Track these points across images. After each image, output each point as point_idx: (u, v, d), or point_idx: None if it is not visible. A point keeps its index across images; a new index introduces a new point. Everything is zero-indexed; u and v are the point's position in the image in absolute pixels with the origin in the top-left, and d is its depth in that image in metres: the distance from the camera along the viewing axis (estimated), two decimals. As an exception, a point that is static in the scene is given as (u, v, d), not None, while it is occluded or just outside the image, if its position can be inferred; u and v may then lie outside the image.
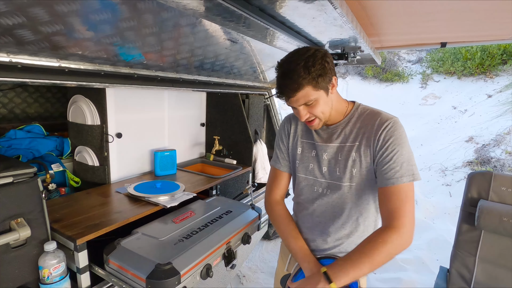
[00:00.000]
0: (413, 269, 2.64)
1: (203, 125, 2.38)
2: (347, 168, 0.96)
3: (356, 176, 0.95)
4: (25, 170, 0.95)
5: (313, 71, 0.84)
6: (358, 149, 0.94)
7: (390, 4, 1.08)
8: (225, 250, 1.19)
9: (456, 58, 7.71)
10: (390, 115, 0.94)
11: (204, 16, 0.99)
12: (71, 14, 0.84)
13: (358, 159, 0.94)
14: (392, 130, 0.89)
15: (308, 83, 0.85)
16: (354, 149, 0.95)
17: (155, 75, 1.44)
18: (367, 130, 0.93)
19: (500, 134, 4.89)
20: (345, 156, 0.96)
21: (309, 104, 0.90)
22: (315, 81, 0.86)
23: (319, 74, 0.85)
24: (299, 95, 0.87)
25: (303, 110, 0.91)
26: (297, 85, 0.86)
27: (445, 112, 6.61)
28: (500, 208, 1.35)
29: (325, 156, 1.01)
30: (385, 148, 0.88)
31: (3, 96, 1.58)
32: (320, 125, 0.96)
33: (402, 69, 8.72)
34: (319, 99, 0.89)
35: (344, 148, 0.97)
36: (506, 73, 6.71)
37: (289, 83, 0.87)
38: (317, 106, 0.90)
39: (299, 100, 0.89)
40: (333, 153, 0.99)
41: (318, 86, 0.87)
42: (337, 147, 0.99)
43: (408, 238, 0.83)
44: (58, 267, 0.97)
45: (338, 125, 1.00)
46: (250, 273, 2.49)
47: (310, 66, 0.84)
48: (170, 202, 1.35)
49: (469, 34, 1.51)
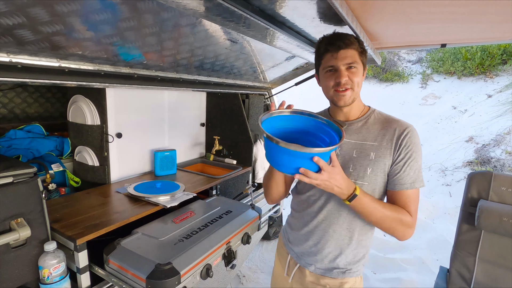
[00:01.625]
0: (413, 269, 2.64)
1: (203, 125, 2.38)
2: (362, 166, 0.96)
3: (369, 175, 0.95)
4: (25, 170, 0.95)
5: (361, 43, 0.94)
6: (377, 150, 0.95)
7: (390, 4, 1.08)
8: (225, 250, 1.19)
9: (456, 58, 7.71)
10: (407, 122, 0.97)
11: (204, 16, 0.99)
12: (71, 14, 0.84)
13: (375, 159, 0.95)
14: (413, 137, 0.93)
15: (357, 48, 0.92)
16: (373, 148, 0.95)
17: (155, 75, 1.44)
18: (388, 133, 0.95)
19: (500, 134, 4.89)
20: (362, 154, 0.96)
21: (351, 68, 0.92)
22: (361, 50, 0.93)
23: (364, 49, 0.95)
24: (349, 52, 0.92)
25: (344, 71, 0.92)
26: (350, 42, 0.92)
27: (445, 112, 6.61)
28: (500, 208, 1.35)
29: (337, 150, 1.00)
30: (405, 154, 0.92)
31: (3, 96, 1.58)
32: (351, 99, 0.95)
33: (402, 69, 8.72)
34: (358, 70, 0.93)
35: (362, 146, 0.97)
36: (506, 73, 6.71)
37: (344, 38, 0.92)
38: (357, 74, 0.93)
39: (347, 58, 0.92)
40: (348, 149, 0.99)
41: (362, 58, 0.94)
42: (354, 143, 0.98)
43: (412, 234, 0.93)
44: (58, 267, 0.97)
45: (355, 122, 1.01)
46: (250, 273, 2.49)
47: (360, 40, 0.94)
48: (170, 202, 1.35)
49: (469, 36, 1.51)
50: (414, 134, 0.93)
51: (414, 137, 0.93)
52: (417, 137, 0.94)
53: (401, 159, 0.92)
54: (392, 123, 0.97)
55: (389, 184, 0.95)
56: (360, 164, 0.96)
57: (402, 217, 0.90)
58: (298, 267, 1.09)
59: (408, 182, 0.91)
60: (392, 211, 0.90)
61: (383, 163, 0.94)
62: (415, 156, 0.92)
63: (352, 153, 0.98)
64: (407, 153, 0.91)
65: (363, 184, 0.96)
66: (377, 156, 0.95)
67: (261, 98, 2.45)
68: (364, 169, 0.95)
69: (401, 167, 0.92)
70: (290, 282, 1.11)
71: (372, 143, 0.96)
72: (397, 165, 0.92)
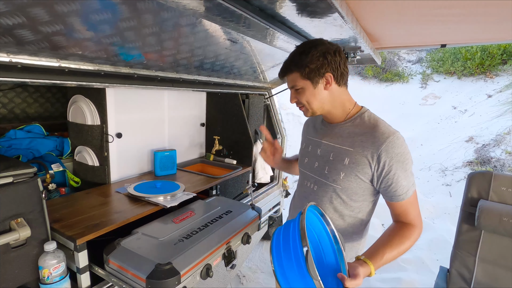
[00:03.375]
0: (413, 269, 2.64)
1: (203, 125, 2.38)
2: (336, 170, 0.97)
3: (342, 180, 0.96)
4: (25, 170, 0.95)
5: (305, 61, 0.92)
6: (352, 156, 0.94)
7: (390, 4, 1.08)
8: (225, 250, 1.19)
9: (456, 58, 7.71)
10: (391, 129, 0.92)
11: (204, 16, 0.99)
12: (71, 14, 0.83)
13: (348, 165, 0.94)
14: (394, 147, 0.88)
15: (297, 70, 0.94)
16: (348, 154, 0.95)
17: (155, 75, 1.44)
18: (367, 142, 0.92)
19: (500, 134, 4.89)
20: (337, 158, 0.97)
21: (297, 90, 0.98)
22: (303, 70, 0.93)
23: (308, 66, 0.92)
24: (290, 77, 0.98)
25: (292, 94, 1.01)
26: (287, 69, 0.98)
27: (445, 112, 6.61)
28: (500, 208, 1.35)
29: (318, 151, 1.05)
30: (390, 167, 0.89)
31: (3, 96, 1.58)
32: (309, 114, 1.01)
33: (402, 69, 8.72)
34: (305, 89, 0.95)
35: (338, 150, 0.98)
36: (506, 73, 6.71)
37: (284, 65, 0.99)
38: (303, 94, 0.97)
39: (288, 82, 1.00)
40: (326, 151, 1.02)
41: (306, 77, 0.93)
42: (332, 146, 1.00)
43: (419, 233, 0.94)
44: (58, 267, 0.97)
45: (337, 125, 1.01)
46: (250, 273, 2.49)
47: (304, 56, 0.92)
48: (170, 202, 1.35)
49: (469, 36, 1.51)
50: (395, 144, 0.88)
51: (396, 147, 0.88)
52: (401, 145, 0.89)
53: (388, 172, 0.89)
54: (372, 130, 0.92)
55: (385, 195, 0.96)
56: (334, 167, 0.98)
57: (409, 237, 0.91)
58: None
59: (403, 193, 0.91)
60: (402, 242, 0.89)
61: (358, 171, 0.93)
62: (401, 165, 0.89)
63: (329, 156, 1.00)
64: (391, 165, 0.88)
65: (337, 187, 0.97)
66: (350, 162, 0.94)
67: (261, 98, 2.45)
68: (337, 173, 0.96)
69: (391, 180, 0.90)
70: None
71: (348, 148, 0.96)
72: (386, 178, 0.90)
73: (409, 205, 0.93)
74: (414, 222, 0.93)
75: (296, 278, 0.69)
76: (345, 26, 1.09)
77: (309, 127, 1.18)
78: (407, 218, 0.94)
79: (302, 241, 0.68)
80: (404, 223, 0.94)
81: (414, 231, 0.92)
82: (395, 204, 0.94)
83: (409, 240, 0.90)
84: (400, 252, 0.89)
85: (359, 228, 1.04)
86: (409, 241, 0.90)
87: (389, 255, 0.87)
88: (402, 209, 0.94)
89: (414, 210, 0.94)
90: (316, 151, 1.06)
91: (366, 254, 0.88)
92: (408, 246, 0.90)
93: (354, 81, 8.83)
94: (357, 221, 1.02)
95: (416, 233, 0.92)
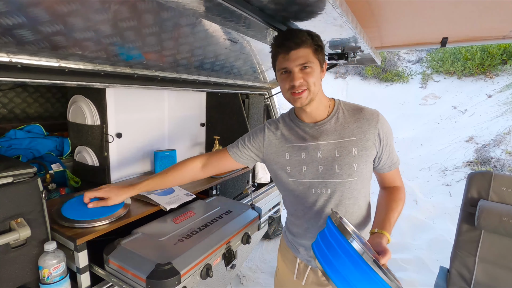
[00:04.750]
0: (413, 269, 2.64)
1: (203, 125, 2.38)
2: (348, 164, 0.95)
3: (357, 171, 0.96)
4: (25, 170, 0.95)
5: (315, 39, 0.91)
6: (357, 144, 0.95)
7: (390, 4, 1.08)
8: (225, 250, 1.19)
9: (456, 58, 7.71)
10: (373, 109, 1.00)
11: (204, 16, 0.99)
12: (71, 14, 0.84)
13: (358, 154, 0.95)
14: (384, 122, 0.98)
15: (310, 46, 0.89)
16: (353, 144, 0.95)
17: (155, 75, 1.44)
18: (363, 125, 0.96)
19: (500, 134, 4.89)
20: (345, 152, 0.96)
21: (305, 68, 0.89)
22: (315, 48, 0.90)
23: (319, 45, 0.91)
24: (301, 52, 0.88)
25: (298, 73, 0.89)
26: (301, 41, 0.88)
27: (445, 112, 6.61)
28: (500, 208, 1.35)
29: (319, 154, 0.98)
30: (386, 141, 0.97)
31: (3, 96, 1.58)
32: (307, 100, 0.92)
33: (402, 69, 8.72)
34: (314, 69, 0.90)
35: (341, 144, 0.96)
36: (506, 73, 6.71)
37: (294, 37, 0.88)
38: (312, 74, 0.90)
39: (299, 58, 0.88)
40: (328, 151, 0.97)
41: (317, 55, 0.91)
42: (334, 143, 0.97)
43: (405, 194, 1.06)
44: (58, 267, 0.97)
45: (326, 122, 0.98)
46: (250, 273, 2.49)
47: (314, 35, 0.91)
48: (170, 203, 1.35)
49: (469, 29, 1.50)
50: (384, 119, 0.98)
51: (385, 122, 0.98)
52: (386, 120, 0.99)
53: (384, 146, 0.97)
54: (362, 114, 0.98)
55: (382, 168, 1.02)
56: (345, 162, 0.95)
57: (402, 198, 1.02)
58: (310, 269, 1.09)
59: (394, 163, 1.02)
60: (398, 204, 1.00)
61: (367, 155, 0.96)
62: (391, 137, 0.99)
63: (334, 154, 0.97)
64: (386, 139, 0.97)
65: (352, 181, 0.96)
66: (359, 151, 0.95)
67: (261, 98, 2.45)
68: (350, 166, 0.95)
69: (387, 153, 0.99)
70: (304, 284, 1.11)
71: (351, 138, 0.95)
72: (385, 150, 0.98)
73: (397, 173, 1.05)
74: (401, 184, 1.06)
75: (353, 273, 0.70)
76: (345, 26, 1.09)
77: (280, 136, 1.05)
78: (396, 182, 1.06)
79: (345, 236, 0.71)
80: (392, 187, 1.05)
81: (402, 191, 1.04)
82: (388, 173, 1.03)
83: (402, 201, 1.01)
84: (399, 212, 0.99)
85: (369, 208, 1.08)
86: (402, 201, 1.01)
87: (394, 218, 0.95)
88: (393, 176, 1.05)
89: (399, 176, 1.07)
90: (315, 155, 0.98)
91: (378, 226, 0.93)
92: (402, 205, 1.01)
93: (354, 81, 8.83)
94: (367, 203, 1.07)
95: (403, 192, 1.04)
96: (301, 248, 1.09)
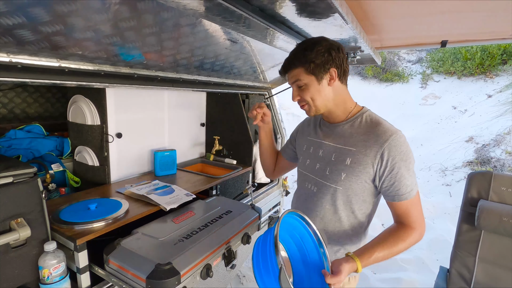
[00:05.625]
0: (413, 269, 2.64)
1: (203, 125, 2.38)
2: (337, 171, 0.96)
3: (343, 181, 0.95)
4: (25, 170, 0.95)
5: (309, 56, 0.91)
6: (353, 156, 0.93)
7: (390, 4, 1.08)
8: (225, 250, 1.19)
9: (456, 58, 7.71)
10: (393, 128, 0.92)
11: (204, 16, 0.99)
12: (71, 14, 0.83)
13: (350, 165, 0.94)
14: (397, 145, 0.88)
15: (302, 65, 0.93)
16: (350, 154, 0.94)
17: (155, 75, 1.44)
18: (369, 141, 0.91)
19: (500, 134, 4.89)
20: (339, 158, 0.96)
21: (300, 87, 0.95)
22: (308, 65, 0.92)
23: (313, 61, 0.91)
24: (293, 72, 0.96)
25: (295, 91, 0.98)
26: (290, 64, 0.96)
27: (445, 112, 6.62)
28: (500, 208, 1.35)
29: (320, 153, 1.03)
30: (390, 165, 0.88)
31: (3, 96, 1.58)
32: (312, 112, 0.99)
33: (402, 69, 8.72)
34: (309, 85, 0.94)
35: (340, 150, 0.97)
36: (506, 73, 6.71)
37: (286, 61, 0.97)
38: (307, 91, 0.95)
39: (291, 78, 0.97)
40: (328, 152, 1.00)
41: (311, 72, 0.92)
42: (334, 147, 0.99)
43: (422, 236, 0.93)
44: (58, 267, 0.97)
45: (339, 125, 1.00)
46: (250, 273, 2.49)
47: (309, 52, 0.92)
48: (169, 203, 1.35)
49: (469, 31, 1.50)
50: (399, 142, 0.88)
51: (399, 145, 0.88)
52: (403, 143, 0.88)
53: (389, 171, 0.88)
54: (375, 129, 0.92)
55: (387, 195, 0.93)
56: (336, 168, 0.97)
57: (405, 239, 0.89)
58: None
59: (406, 192, 0.89)
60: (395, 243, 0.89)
61: (360, 170, 0.92)
62: (404, 164, 0.88)
63: (331, 157, 0.99)
64: (392, 164, 0.88)
65: (338, 189, 0.97)
66: (352, 162, 0.93)
67: (261, 98, 2.45)
68: (339, 174, 0.95)
69: (394, 178, 0.89)
70: None
71: (350, 148, 0.95)
72: (389, 176, 0.89)
73: (411, 205, 0.91)
74: (414, 225, 0.91)
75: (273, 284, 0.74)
76: (345, 26, 1.09)
77: (309, 128, 1.16)
78: (408, 220, 0.92)
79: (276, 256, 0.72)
80: (404, 224, 0.93)
81: (412, 233, 0.90)
82: (397, 204, 0.91)
83: (404, 242, 0.89)
84: (392, 253, 0.88)
85: (359, 230, 1.02)
86: (403, 243, 0.88)
87: (379, 254, 0.87)
88: (403, 210, 0.92)
89: (416, 211, 0.91)
90: (317, 152, 1.05)
91: (356, 251, 0.89)
92: (402, 248, 0.89)
93: (354, 81, 8.83)
94: (356, 223, 1.01)
95: (414, 236, 0.90)
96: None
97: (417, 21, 1.32)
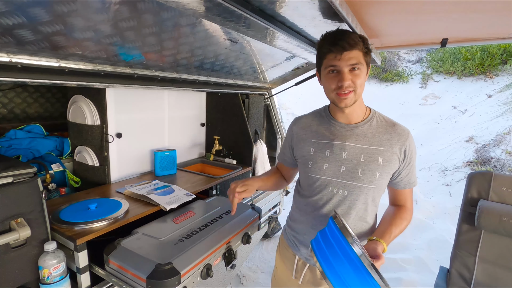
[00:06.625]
0: (413, 269, 2.64)
1: (203, 125, 2.38)
2: (371, 171, 0.96)
3: (378, 180, 0.97)
4: (25, 170, 0.95)
5: (366, 42, 0.91)
6: (384, 154, 0.97)
7: (390, 4, 1.08)
8: (225, 250, 1.19)
9: (456, 58, 7.71)
10: (405, 127, 1.02)
11: (204, 16, 0.99)
12: (71, 14, 0.84)
13: (383, 164, 0.96)
14: (412, 142, 1.01)
15: (362, 48, 0.90)
16: (380, 153, 0.97)
17: (155, 75, 1.44)
18: (393, 139, 0.98)
19: (500, 134, 4.89)
20: (371, 159, 0.97)
21: (355, 70, 0.89)
22: (365, 51, 0.91)
23: (369, 49, 0.92)
24: (353, 53, 0.88)
25: (347, 74, 0.89)
26: (354, 42, 0.87)
27: (445, 112, 6.61)
28: (500, 208, 1.35)
29: (344, 155, 0.98)
30: (409, 158, 0.99)
31: (3, 96, 1.58)
32: (352, 101, 0.92)
33: (402, 69, 8.72)
34: (362, 72, 0.92)
35: (369, 151, 0.97)
36: (506, 73, 6.71)
37: (348, 38, 0.87)
38: (360, 76, 0.91)
39: (351, 59, 0.88)
40: (354, 153, 0.98)
41: (366, 58, 0.92)
42: (361, 148, 0.97)
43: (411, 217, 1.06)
44: (58, 267, 0.97)
45: (359, 126, 1.00)
46: (250, 273, 2.49)
47: (364, 38, 0.91)
48: (169, 203, 1.35)
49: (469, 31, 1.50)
50: (412, 139, 1.01)
51: (413, 142, 1.01)
52: (414, 140, 1.02)
53: (407, 163, 0.99)
54: (394, 128, 1.00)
55: (395, 184, 1.03)
56: (368, 169, 0.97)
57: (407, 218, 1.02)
58: (308, 267, 1.09)
59: (411, 182, 1.03)
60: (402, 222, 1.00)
61: (390, 168, 0.98)
62: (415, 157, 1.01)
63: (360, 158, 0.97)
64: (411, 158, 0.99)
65: (371, 188, 0.98)
66: (384, 161, 0.96)
67: (261, 98, 2.45)
68: (373, 174, 0.97)
69: (407, 171, 1.00)
70: (301, 283, 1.11)
71: (378, 147, 0.97)
72: (405, 169, 0.99)
73: (411, 192, 1.05)
74: (411, 206, 1.07)
75: (350, 274, 0.71)
76: (345, 26, 1.09)
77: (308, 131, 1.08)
78: (406, 203, 1.05)
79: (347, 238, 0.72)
80: (401, 206, 1.05)
81: (410, 213, 1.05)
82: (403, 191, 1.04)
83: (407, 221, 1.02)
84: (401, 229, 0.99)
85: (375, 220, 1.09)
86: (406, 221, 1.01)
87: (395, 232, 0.96)
88: (405, 195, 1.05)
89: (412, 196, 1.08)
90: (340, 154, 0.99)
91: (377, 234, 0.94)
92: (406, 225, 1.01)
93: (354, 81, 8.81)
94: (375, 215, 1.08)
95: (411, 215, 1.05)
96: (302, 246, 1.09)
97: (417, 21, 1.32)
